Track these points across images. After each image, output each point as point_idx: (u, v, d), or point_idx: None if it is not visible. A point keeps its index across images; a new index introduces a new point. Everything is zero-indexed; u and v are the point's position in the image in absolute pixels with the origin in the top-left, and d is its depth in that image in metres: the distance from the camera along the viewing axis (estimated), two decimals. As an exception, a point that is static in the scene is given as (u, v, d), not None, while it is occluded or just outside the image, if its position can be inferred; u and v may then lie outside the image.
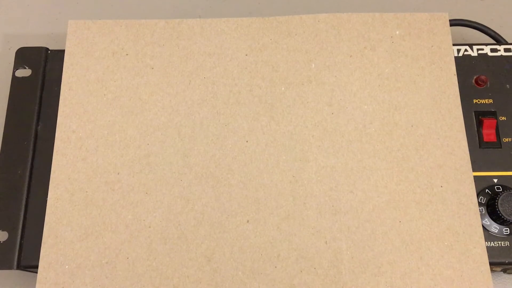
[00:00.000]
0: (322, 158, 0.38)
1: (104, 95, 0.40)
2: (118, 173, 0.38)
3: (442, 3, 0.52)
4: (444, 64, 0.41)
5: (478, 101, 0.41)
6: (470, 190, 0.37)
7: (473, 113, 0.40)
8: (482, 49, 0.43)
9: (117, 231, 0.36)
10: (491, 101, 0.41)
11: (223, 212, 0.37)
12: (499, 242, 0.37)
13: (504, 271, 0.39)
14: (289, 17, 0.42)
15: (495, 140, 0.40)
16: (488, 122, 0.40)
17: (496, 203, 0.36)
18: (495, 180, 0.38)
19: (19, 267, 0.37)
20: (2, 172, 0.39)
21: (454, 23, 0.45)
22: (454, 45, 0.42)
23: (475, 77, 0.42)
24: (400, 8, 0.51)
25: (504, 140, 0.40)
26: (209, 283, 0.35)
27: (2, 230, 0.37)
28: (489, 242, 0.37)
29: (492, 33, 0.45)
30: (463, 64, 0.42)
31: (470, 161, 0.38)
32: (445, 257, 0.36)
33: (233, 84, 0.40)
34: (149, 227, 0.37)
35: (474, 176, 0.38)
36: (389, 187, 0.37)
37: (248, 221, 0.37)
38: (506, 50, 0.42)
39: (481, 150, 0.39)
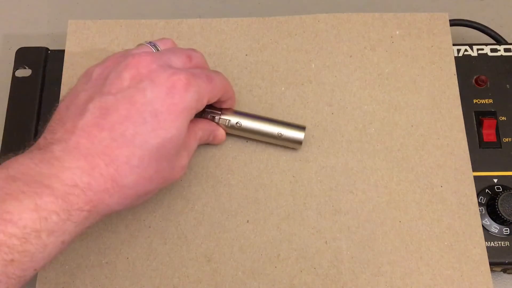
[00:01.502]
0: (322, 158, 0.38)
1: (104, 95, 0.40)
2: (118, 173, 0.38)
3: (442, 3, 0.52)
4: (444, 64, 0.41)
5: (478, 101, 0.41)
6: (470, 190, 0.37)
7: (473, 113, 0.40)
8: (482, 49, 0.43)
9: (117, 231, 0.36)
10: (491, 101, 0.41)
11: (223, 212, 0.37)
12: (499, 242, 0.37)
13: (504, 271, 0.39)
14: (289, 17, 0.42)
15: (495, 140, 0.40)
16: (488, 122, 0.40)
17: (496, 203, 0.36)
18: (495, 180, 0.38)
19: (19, 267, 0.37)
20: (2, 172, 0.39)
21: (454, 23, 0.45)
22: (454, 45, 0.42)
23: (475, 77, 0.41)
24: (400, 8, 0.51)
25: (504, 140, 0.40)
26: (209, 283, 0.35)
27: (2, 230, 0.37)
28: (489, 242, 0.37)
29: (492, 33, 0.45)
30: (463, 64, 0.42)
31: (470, 161, 0.38)
32: (445, 257, 0.36)
33: (233, 84, 0.40)
34: (149, 227, 0.37)
35: (474, 176, 0.38)
36: (389, 187, 0.37)
37: (248, 221, 0.37)
38: (506, 50, 0.42)
39: (481, 150, 0.39)
